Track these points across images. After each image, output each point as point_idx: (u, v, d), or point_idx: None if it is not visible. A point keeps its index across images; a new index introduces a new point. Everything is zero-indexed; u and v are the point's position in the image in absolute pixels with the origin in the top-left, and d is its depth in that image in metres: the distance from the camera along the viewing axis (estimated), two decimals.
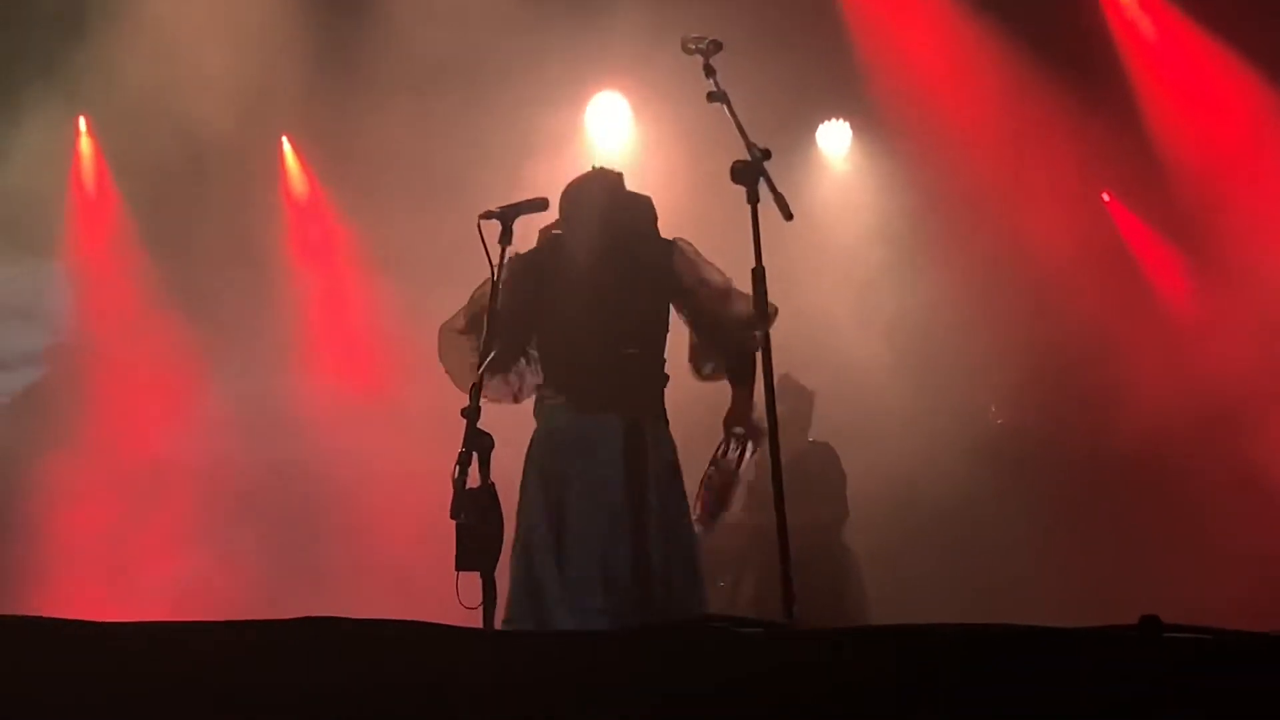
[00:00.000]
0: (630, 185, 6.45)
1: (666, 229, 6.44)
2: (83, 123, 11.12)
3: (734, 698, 3.58)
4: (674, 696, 3.60)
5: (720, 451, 6.22)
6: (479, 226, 5.81)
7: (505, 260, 5.83)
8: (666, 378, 6.29)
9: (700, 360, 6.44)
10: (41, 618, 3.79)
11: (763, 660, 3.72)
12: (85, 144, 11.17)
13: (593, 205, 6.36)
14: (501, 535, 5.35)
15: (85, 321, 10.93)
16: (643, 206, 6.45)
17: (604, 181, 6.45)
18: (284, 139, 11.52)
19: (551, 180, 6.63)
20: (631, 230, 6.36)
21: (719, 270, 6.27)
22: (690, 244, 6.34)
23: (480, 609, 5.25)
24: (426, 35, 10.19)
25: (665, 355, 6.31)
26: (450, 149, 10.17)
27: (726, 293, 6.21)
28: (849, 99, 11.47)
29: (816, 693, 3.59)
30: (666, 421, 6.27)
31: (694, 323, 6.33)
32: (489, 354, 5.74)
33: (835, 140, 11.81)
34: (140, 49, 10.22)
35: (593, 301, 6.19)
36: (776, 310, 5.72)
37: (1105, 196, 11.53)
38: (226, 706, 3.53)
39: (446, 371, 6.19)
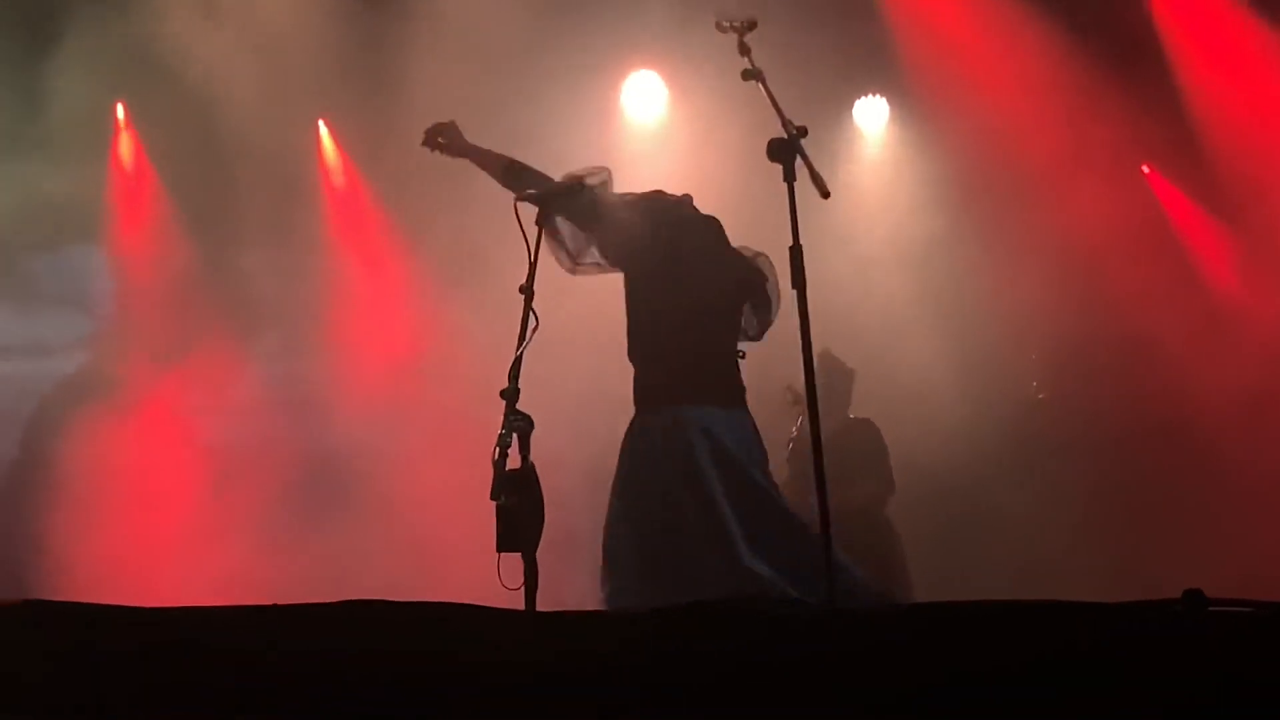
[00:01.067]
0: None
1: (703, 208, 6.47)
2: (120, 110, 11.14)
3: (776, 677, 3.58)
4: (714, 676, 3.60)
5: None
6: (516, 209, 5.82)
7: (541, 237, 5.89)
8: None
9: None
10: (89, 604, 3.80)
11: (805, 639, 3.71)
12: (124, 130, 11.19)
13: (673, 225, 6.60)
14: (542, 517, 5.34)
15: (127, 308, 10.95)
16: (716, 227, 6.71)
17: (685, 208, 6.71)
18: (320, 122, 11.53)
19: (586, 160, 6.64)
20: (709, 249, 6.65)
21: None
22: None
23: (522, 590, 5.24)
24: (462, 15, 10.18)
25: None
26: (485, 130, 10.14)
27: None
28: (885, 74, 11.41)
29: (860, 671, 3.59)
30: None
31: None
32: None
33: (872, 116, 11.76)
34: (177, 34, 10.24)
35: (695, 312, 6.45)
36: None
37: (1145, 169, 11.44)
38: (274, 688, 3.55)
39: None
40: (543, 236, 5.86)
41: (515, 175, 6.53)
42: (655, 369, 6.45)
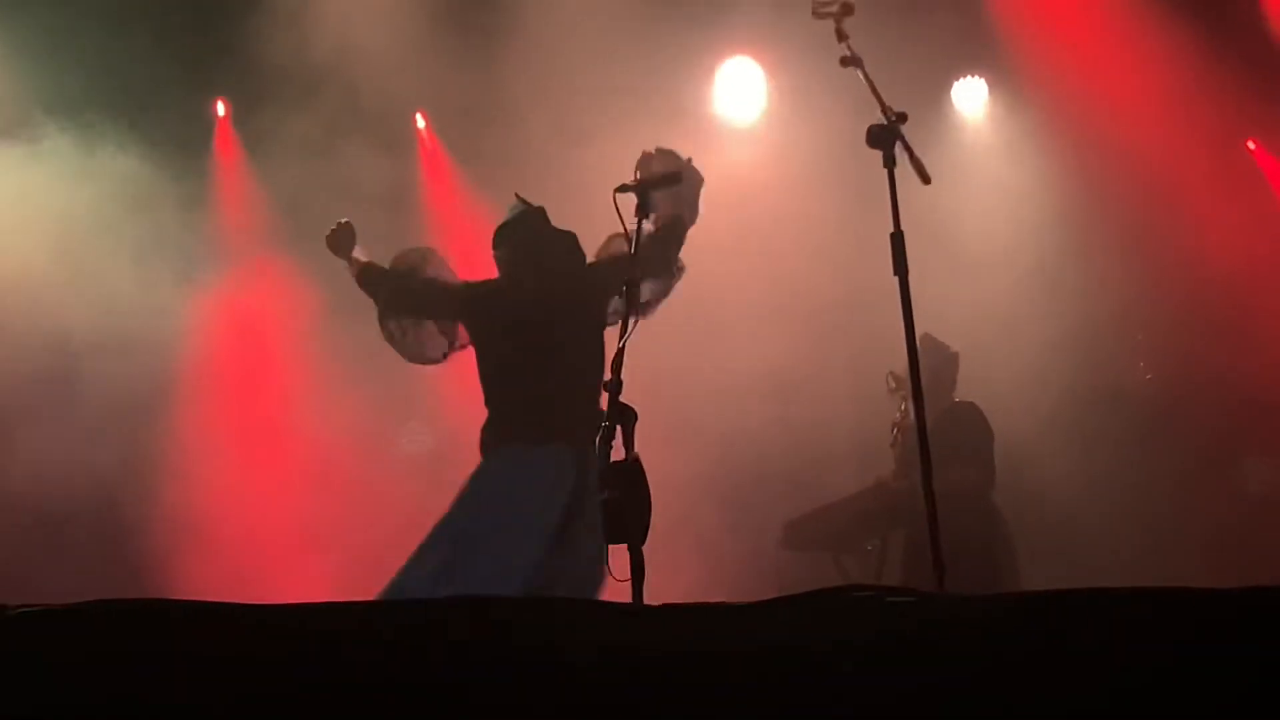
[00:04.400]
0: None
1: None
2: (220, 107, 11.24)
3: (881, 667, 3.56)
4: (820, 667, 3.58)
5: None
6: (614, 200, 5.83)
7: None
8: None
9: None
10: (177, 601, 3.83)
11: (911, 628, 3.69)
12: (223, 127, 11.30)
13: (526, 248, 6.84)
14: (649, 507, 5.34)
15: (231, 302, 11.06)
16: (569, 243, 6.87)
17: (531, 222, 6.86)
18: (418, 115, 11.58)
19: (684, 145, 6.67)
20: (563, 269, 6.79)
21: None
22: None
23: (629, 582, 5.24)
24: (560, 5, 10.22)
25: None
26: (581, 116, 10.19)
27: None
28: (984, 55, 11.34)
29: (968, 662, 3.56)
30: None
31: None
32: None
33: (971, 98, 11.67)
34: (275, 28, 10.33)
35: (538, 341, 6.62)
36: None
37: (1251, 145, 11.29)
38: (383, 689, 3.57)
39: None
40: (640, 227, 5.84)
41: (368, 279, 7.14)
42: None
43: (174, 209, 10.46)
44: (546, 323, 6.65)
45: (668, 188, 5.99)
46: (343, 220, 7.35)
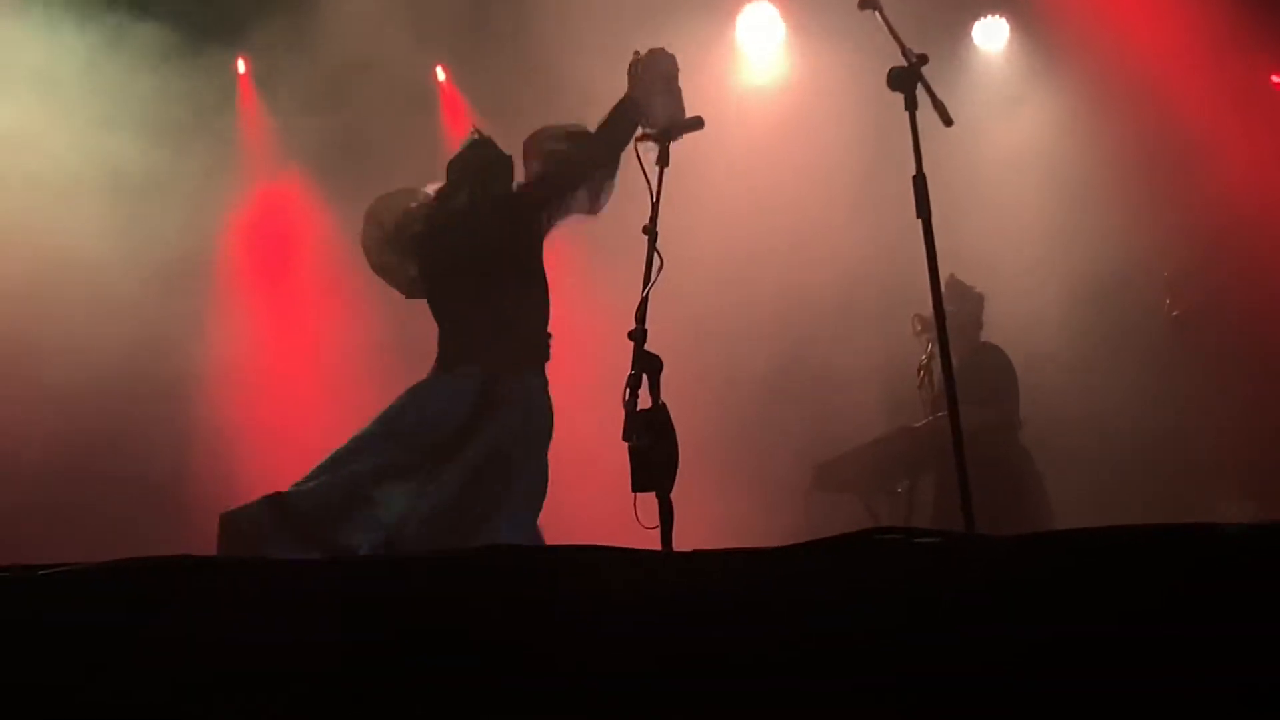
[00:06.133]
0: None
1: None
2: (241, 64, 11.23)
3: (910, 609, 3.57)
4: (848, 610, 3.60)
5: None
6: (636, 149, 5.82)
7: None
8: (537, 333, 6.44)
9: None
10: (226, 557, 3.86)
11: (940, 570, 3.70)
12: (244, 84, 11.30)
13: (456, 176, 6.75)
14: (676, 456, 5.34)
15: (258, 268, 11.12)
16: (499, 169, 6.75)
17: (472, 152, 6.80)
18: (438, 68, 11.57)
19: (704, 92, 6.64)
20: (488, 193, 6.66)
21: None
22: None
23: (658, 529, 5.26)
24: None
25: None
26: (600, 63, 10.15)
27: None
28: None
29: (998, 602, 3.57)
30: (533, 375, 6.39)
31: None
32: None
33: (992, 38, 11.60)
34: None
35: (453, 267, 6.53)
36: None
37: (1276, 79, 11.22)
38: (412, 639, 3.59)
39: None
40: (661, 177, 5.82)
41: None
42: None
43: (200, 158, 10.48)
44: (462, 248, 6.53)
45: (690, 132, 5.96)
46: None
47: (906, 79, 5.42)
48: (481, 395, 6.21)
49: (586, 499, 7.37)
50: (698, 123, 5.99)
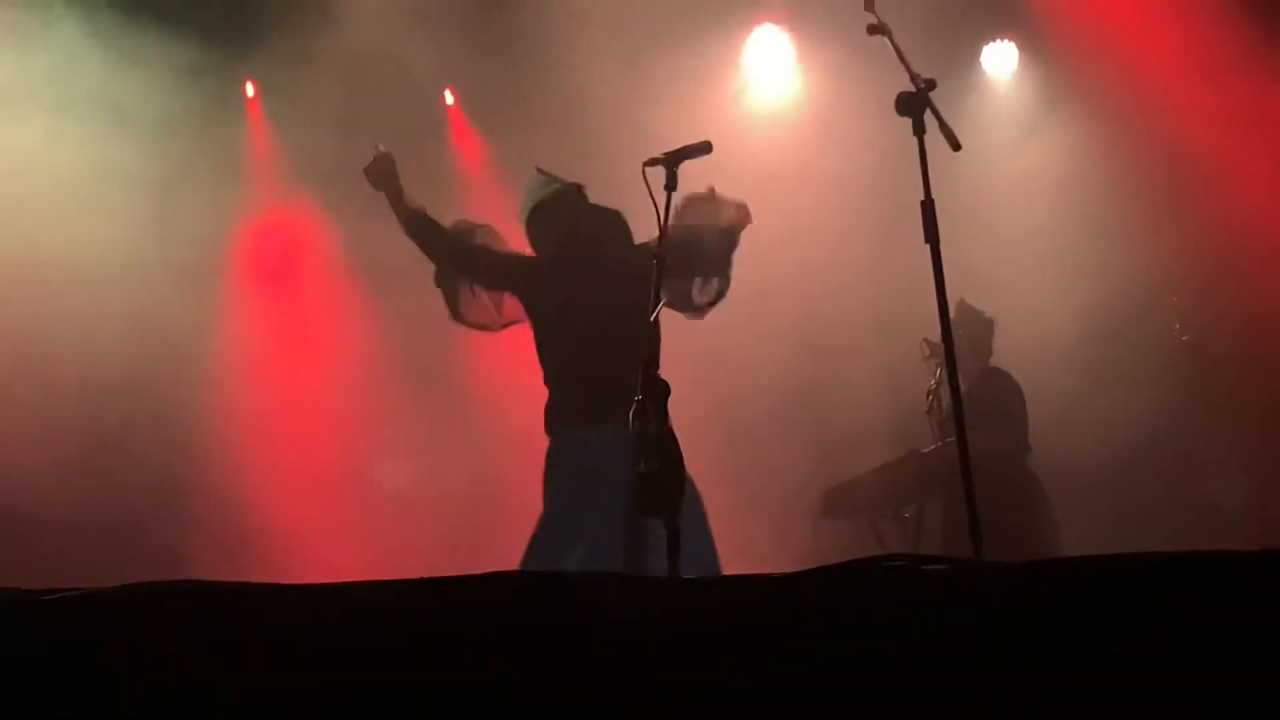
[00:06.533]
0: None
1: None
2: (250, 87, 11.23)
3: (916, 638, 3.56)
4: (856, 637, 3.59)
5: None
6: (644, 173, 5.81)
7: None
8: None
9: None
10: (241, 583, 3.85)
11: (947, 598, 3.68)
12: (252, 107, 11.29)
13: (569, 227, 6.92)
14: (684, 481, 5.34)
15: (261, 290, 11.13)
16: (615, 221, 6.91)
17: (572, 200, 6.90)
18: (447, 91, 11.58)
19: (712, 116, 6.66)
20: (611, 249, 6.82)
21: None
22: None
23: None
24: None
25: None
26: (609, 86, 10.17)
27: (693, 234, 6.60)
28: (1013, 19, 11.28)
29: (1006, 629, 3.55)
30: None
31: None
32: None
33: (1001, 62, 11.60)
34: (301, 7, 10.36)
35: (592, 320, 6.66)
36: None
37: None
38: (419, 662, 3.58)
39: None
40: (670, 202, 5.82)
41: (420, 228, 7.12)
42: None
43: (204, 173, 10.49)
44: (599, 302, 6.63)
45: (697, 157, 5.95)
46: (380, 148, 7.29)
47: (915, 104, 5.42)
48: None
49: None
50: (705, 148, 5.97)
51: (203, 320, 10.55)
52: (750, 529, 9.40)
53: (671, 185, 5.76)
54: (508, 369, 10.24)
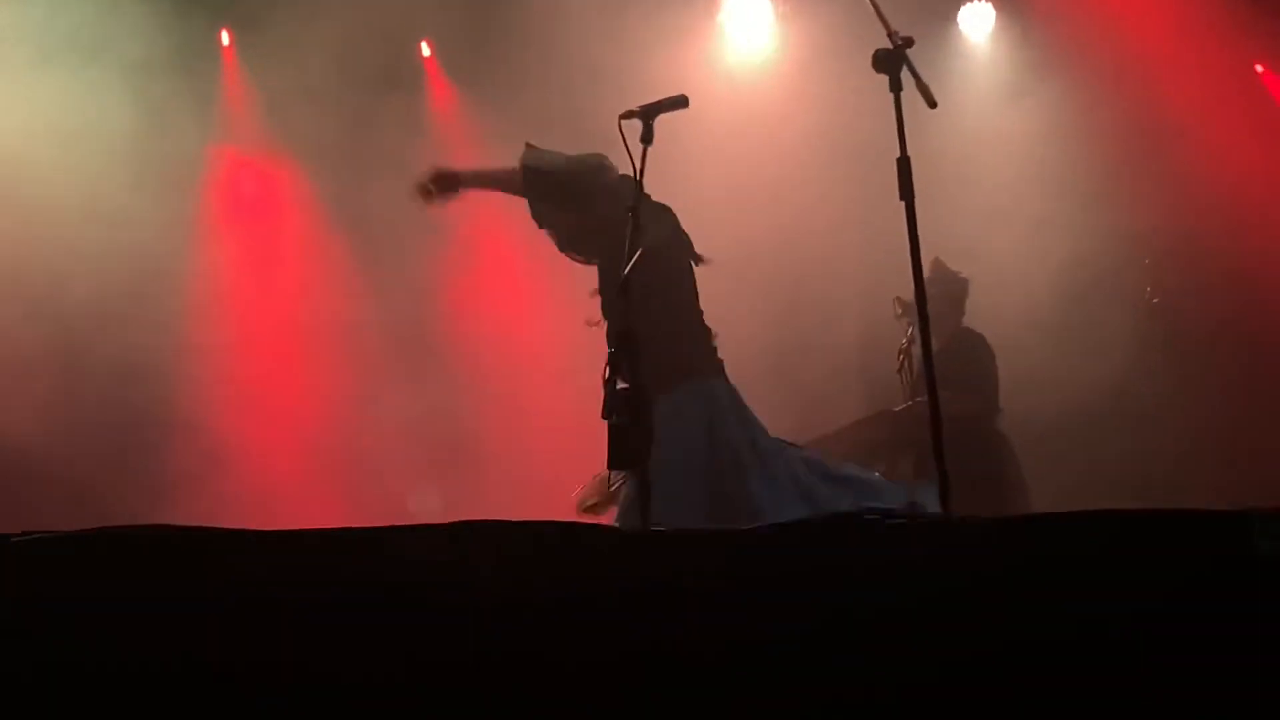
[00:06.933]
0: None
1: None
2: (225, 36, 11.17)
3: (886, 590, 3.58)
4: (826, 590, 3.61)
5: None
6: (620, 126, 5.79)
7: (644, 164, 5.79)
8: None
9: None
10: (210, 528, 3.85)
11: (914, 551, 3.70)
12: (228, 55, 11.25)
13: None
14: (652, 435, 5.36)
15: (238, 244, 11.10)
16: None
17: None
18: (423, 43, 11.53)
19: (687, 71, 6.64)
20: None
21: None
22: None
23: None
24: None
25: None
26: (587, 41, 10.13)
27: None
28: None
29: (972, 583, 3.58)
30: None
31: None
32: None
33: (978, 22, 11.59)
34: None
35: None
36: None
37: (1259, 68, 11.23)
38: (389, 612, 3.59)
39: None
40: (645, 156, 5.79)
41: (532, 178, 6.55)
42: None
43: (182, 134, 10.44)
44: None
45: (674, 110, 5.93)
46: (425, 180, 6.75)
47: (891, 61, 5.40)
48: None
49: (570, 477, 7.37)
50: (682, 101, 5.96)
51: (178, 254, 10.51)
52: None
53: (647, 138, 5.74)
54: (490, 313, 10.31)
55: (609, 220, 6.18)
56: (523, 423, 10.27)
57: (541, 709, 3.53)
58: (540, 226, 6.64)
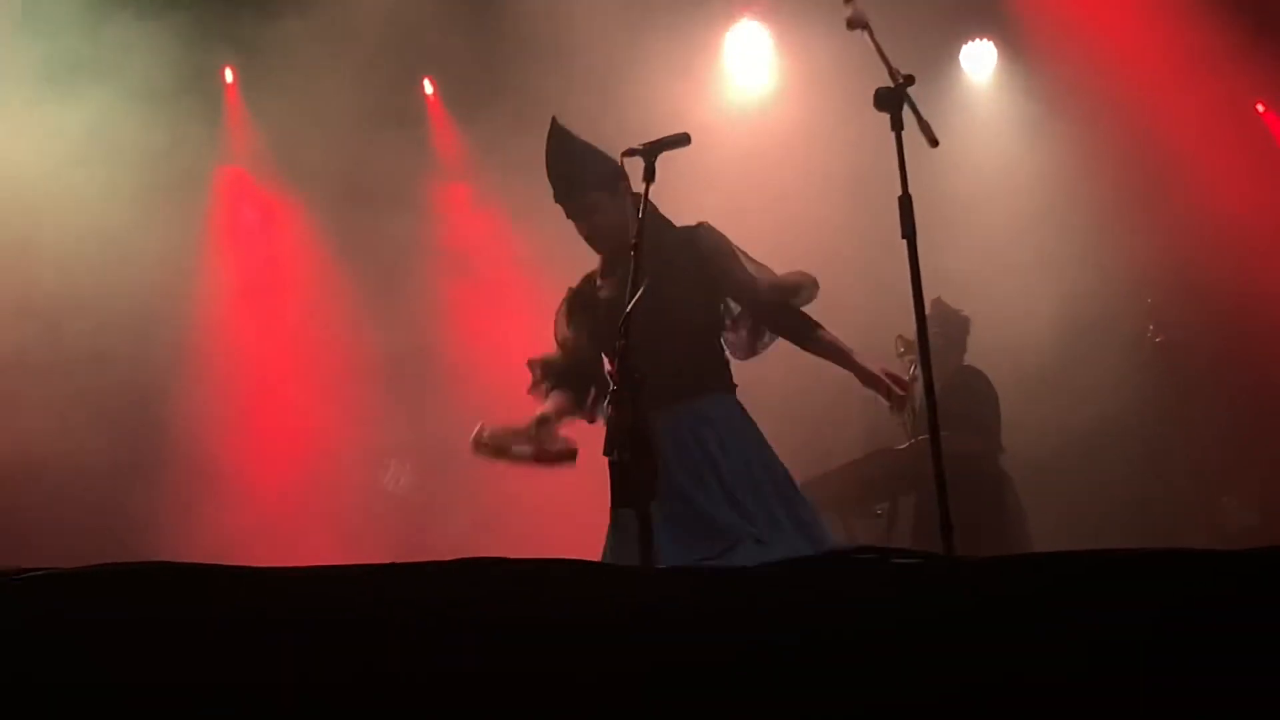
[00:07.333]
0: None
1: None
2: (229, 74, 11.19)
3: (888, 631, 3.57)
4: (826, 631, 3.59)
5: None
6: (621, 164, 5.80)
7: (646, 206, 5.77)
8: None
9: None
10: (207, 565, 3.83)
11: (918, 592, 3.69)
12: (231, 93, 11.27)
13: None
14: (656, 472, 5.34)
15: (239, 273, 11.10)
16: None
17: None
18: (426, 81, 11.56)
19: (691, 109, 6.64)
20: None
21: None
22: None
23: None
24: None
25: None
26: (589, 78, 10.16)
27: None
28: (992, 18, 11.31)
29: (976, 624, 3.57)
30: None
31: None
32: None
33: (980, 62, 11.63)
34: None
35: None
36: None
37: (1260, 107, 11.26)
38: (392, 650, 3.58)
39: None
40: (646, 193, 5.78)
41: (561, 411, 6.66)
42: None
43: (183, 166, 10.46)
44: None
45: (676, 148, 5.93)
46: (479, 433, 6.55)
47: (893, 99, 5.41)
48: None
49: (571, 514, 7.38)
50: (684, 139, 5.96)
51: (179, 310, 10.52)
52: None
53: (649, 176, 5.74)
54: (490, 343, 10.28)
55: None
56: None
57: None
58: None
